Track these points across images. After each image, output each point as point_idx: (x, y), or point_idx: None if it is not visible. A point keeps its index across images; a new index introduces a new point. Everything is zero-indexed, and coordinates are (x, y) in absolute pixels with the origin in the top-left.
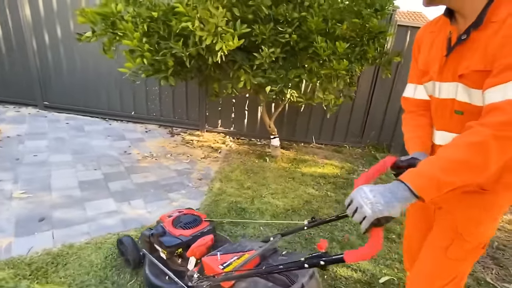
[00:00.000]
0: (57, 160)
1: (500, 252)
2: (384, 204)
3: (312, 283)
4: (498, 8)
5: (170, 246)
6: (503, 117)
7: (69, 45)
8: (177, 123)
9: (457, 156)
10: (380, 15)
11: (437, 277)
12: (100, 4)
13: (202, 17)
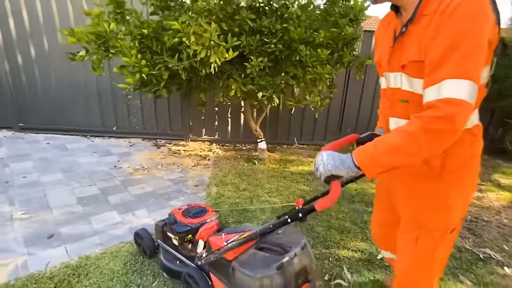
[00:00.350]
0: (49, 180)
1: (473, 224)
2: (333, 165)
3: (304, 252)
4: (430, 2)
5: (181, 232)
6: (435, 113)
7: (43, 65)
8: (161, 134)
9: (394, 142)
10: (355, 24)
11: (418, 269)
12: (91, 24)
13: (196, 33)
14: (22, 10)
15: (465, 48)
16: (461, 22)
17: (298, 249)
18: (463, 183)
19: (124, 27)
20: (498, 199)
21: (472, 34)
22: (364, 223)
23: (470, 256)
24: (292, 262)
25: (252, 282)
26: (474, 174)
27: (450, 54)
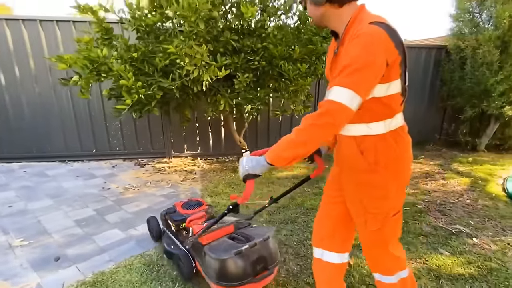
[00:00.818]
0: (38, 207)
1: (443, 206)
2: (250, 166)
3: (265, 244)
4: (350, 29)
5: (176, 220)
6: (320, 110)
7: (15, 92)
8: (143, 153)
9: (289, 138)
10: (328, 41)
11: (371, 245)
12: (84, 49)
13: (189, 54)
14: None
15: (354, 66)
16: (356, 47)
17: (259, 240)
18: (397, 174)
19: (115, 51)
20: (459, 184)
21: (361, 57)
22: None
23: (444, 232)
24: (251, 250)
25: (213, 263)
26: (405, 166)
27: (343, 70)
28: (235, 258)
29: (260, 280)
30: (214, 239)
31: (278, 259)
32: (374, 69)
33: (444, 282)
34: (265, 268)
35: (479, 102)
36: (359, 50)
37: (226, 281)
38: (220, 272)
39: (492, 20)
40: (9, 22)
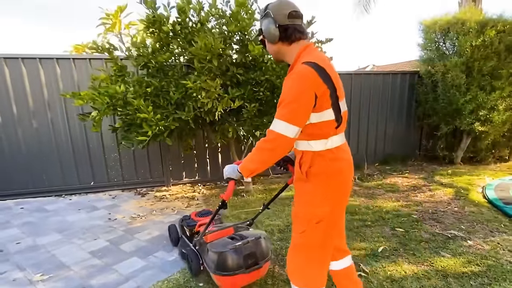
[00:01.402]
0: (47, 241)
1: (435, 214)
2: (229, 172)
3: (257, 242)
4: (294, 64)
5: (190, 226)
6: (265, 137)
7: (12, 128)
8: (141, 183)
9: (251, 155)
10: None
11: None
12: (102, 86)
13: (204, 88)
14: None
15: (286, 101)
16: (287, 84)
17: (252, 239)
18: (325, 187)
19: (131, 87)
20: (445, 194)
21: (290, 93)
22: (356, 228)
23: (442, 237)
24: (244, 247)
25: (212, 256)
26: (335, 181)
27: (279, 104)
28: (230, 252)
29: (250, 272)
30: (217, 238)
31: (268, 256)
32: (302, 102)
33: (451, 280)
34: (255, 262)
35: (452, 120)
36: (289, 86)
37: (222, 271)
38: (217, 263)
39: (456, 48)
40: (8, 60)
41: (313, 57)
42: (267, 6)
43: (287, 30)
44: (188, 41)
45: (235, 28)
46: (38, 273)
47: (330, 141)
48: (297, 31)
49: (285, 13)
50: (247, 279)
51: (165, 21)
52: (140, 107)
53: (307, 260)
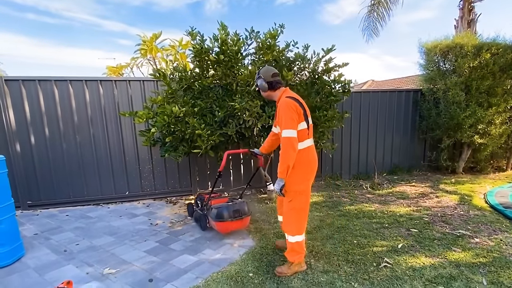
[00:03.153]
0: (103, 243)
1: (443, 217)
2: (276, 186)
3: (240, 203)
4: (279, 100)
5: (201, 201)
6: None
7: (58, 143)
8: (171, 192)
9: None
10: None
11: (287, 211)
12: (160, 108)
13: (247, 108)
14: (39, 94)
15: (284, 118)
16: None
17: (238, 201)
18: (302, 171)
19: (184, 108)
20: (451, 200)
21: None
22: (376, 229)
23: (451, 236)
24: (232, 206)
25: (214, 210)
26: (308, 168)
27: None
28: (223, 208)
29: (235, 221)
30: (217, 203)
31: (248, 213)
32: (292, 116)
33: (464, 269)
34: (240, 216)
35: (454, 133)
36: (283, 110)
37: (219, 219)
38: (216, 214)
39: (456, 69)
40: (57, 83)
41: (291, 94)
42: (259, 72)
43: (272, 83)
44: (229, 68)
45: (271, 57)
46: (106, 268)
47: (305, 143)
48: (277, 83)
49: (270, 74)
50: (234, 225)
51: (211, 52)
52: (195, 125)
53: (296, 217)
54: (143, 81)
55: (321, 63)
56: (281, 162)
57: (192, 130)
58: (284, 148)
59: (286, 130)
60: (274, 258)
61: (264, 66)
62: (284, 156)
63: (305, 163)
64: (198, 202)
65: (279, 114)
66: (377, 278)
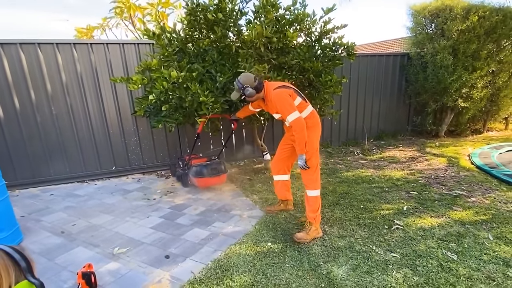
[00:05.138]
0: (102, 222)
1: (437, 179)
2: (300, 162)
3: (218, 163)
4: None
5: (182, 161)
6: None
7: (31, 114)
8: (161, 166)
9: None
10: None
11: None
12: (156, 72)
13: (254, 72)
14: (2, 60)
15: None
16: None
17: (215, 161)
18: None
19: (183, 73)
20: (440, 162)
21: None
22: (377, 193)
23: (449, 197)
24: (210, 164)
25: (194, 168)
26: (315, 130)
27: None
28: (201, 166)
29: (213, 177)
30: (198, 162)
31: (224, 171)
32: (289, 102)
33: (469, 227)
34: (217, 173)
35: (440, 97)
36: (280, 101)
37: (199, 175)
38: (196, 171)
39: (444, 32)
40: (24, 46)
41: (274, 85)
42: (240, 82)
43: (257, 87)
44: (226, 28)
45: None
46: (115, 247)
47: (306, 111)
48: (260, 83)
49: (252, 80)
50: (212, 181)
51: (210, 9)
52: (198, 91)
53: (316, 173)
54: (123, 44)
55: (319, 24)
56: (299, 141)
57: (193, 97)
58: (297, 130)
59: (290, 115)
60: (288, 227)
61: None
62: (300, 136)
63: (314, 125)
64: (179, 163)
65: (276, 106)
66: (392, 240)
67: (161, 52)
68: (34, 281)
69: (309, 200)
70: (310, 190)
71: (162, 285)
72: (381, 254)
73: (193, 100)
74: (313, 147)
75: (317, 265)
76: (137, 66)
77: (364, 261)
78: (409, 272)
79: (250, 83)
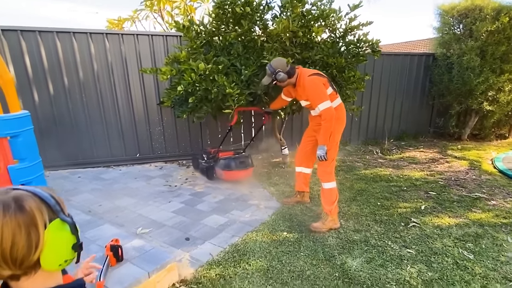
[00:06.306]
0: (126, 204)
1: (458, 181)
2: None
3: (246, 157)
4: (300, 80)
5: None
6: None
7: (59, 102)
8: (182, 156)
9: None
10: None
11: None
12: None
13: None
14: (40, 47)
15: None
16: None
17: (243, 155)
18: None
19: (210, 65)
20: (461, 165)
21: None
22: (395, 192)
23: (469, 198)
24: (239, 157)
25: (223, 161)
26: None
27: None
28: (229, 159)
29: (240, 170)
30: (226, 156)
31: (251, 165)
32: (322, 90)
33: (487, 228)
34: (243, 166)
35: (465, 100)
36: (313, 88)
37: (226, 168)
38: (225, 164)
39: (472, 33)
40: (60, 35)
41: (309, 72)
42: (271, 67)
43: (289, 72)
44: (253, 22)
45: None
46: (138, 228)
47: (336, 102)
48: (293, 68)
49: (284, 64)
50: (239, 174)
51: (238, 3)
52: (224, 83)
53: (329, 166)
54: (152, 36)
55: (344, 21)
56: (325, 131)
57: (218, 89)
58: (326, 119)
59: (322, 103)
60: (303, 219)
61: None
62: (328, 126)
63: (340, 117)
64: (203, 155)
65: (309, 94)
66: (408, 237)
67: (189, 44)
68: (66, 219)
69: (324, 192)
70: (325, 182)
71: (183, 264)
72: (396, 250)
73: (218, 92)
74: (334, 140)
75: (331, 255)
76: (166, 58)
77: (379, 255)
78: (424, 267)
79: (282, 68)
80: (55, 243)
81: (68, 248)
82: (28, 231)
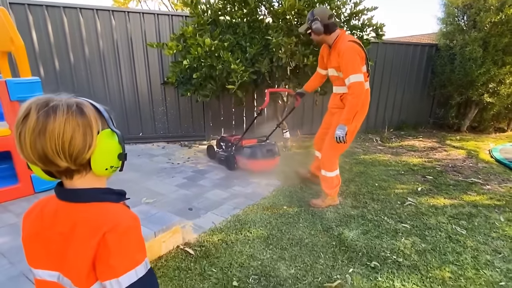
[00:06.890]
0: (129, 177)
1: (455, 168)
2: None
3: (270, 144)
4: (337, 43)
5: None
6: (350, 92)
7: (64, 78)
8: (184, 136)
9: (347, 109)
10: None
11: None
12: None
13: (282, 44)
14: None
15: (350, 63)
16: (347, 54)
17: (270, 143)
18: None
19: (215, 41)
20: (459, 154)
21: (352, 58)
22: (393, 175)
23: (465, 183)
24: (265, 146)
25: (248, 150)
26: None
27: (347, 67)
28: (255, 148)
29: (267, 159)
30: (249, 144)
31: (277, 154)
32: (358, 61)
33: (481, 209)
34: (271, 155)
35: (466, 91)
36: (349, 55)
37: (253, 157)
38: (250, 153)
39: (476, 24)
40: (66, 10)
41: (351, 38)
42: (313, 13)
43: (328, 26)
44: (259, 0)
45: None
46: (143, 198)
47: (367, 84)
48: (334, 25)
49: (327, 16)
50: (266, 164)
51: None
52: (230, 59)
53: (338, 151)
54: (157, 15)
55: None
56: (351, 108)
57: (223, 65)
58: (354, 93)
59: (355, 75)
60: (303, 195)
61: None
62: (355, 102)
63: (365, 104)
64: (221, 144)
65: (343, 60)
66: (404, 214)
67: (196, 20)
68: (116, 130)
69: (327, 179)
70: (327, 171)
71: (186, 230)
72: (392, 224)
73: (223, 69)
74: (357, 124)
75: (329, 227)
76: (172, 34)
77: (375, 228)
78: (418, 240)
79: (323, 18)
80: (104, 148)
81: (115, 156)
82: (84, 131)
